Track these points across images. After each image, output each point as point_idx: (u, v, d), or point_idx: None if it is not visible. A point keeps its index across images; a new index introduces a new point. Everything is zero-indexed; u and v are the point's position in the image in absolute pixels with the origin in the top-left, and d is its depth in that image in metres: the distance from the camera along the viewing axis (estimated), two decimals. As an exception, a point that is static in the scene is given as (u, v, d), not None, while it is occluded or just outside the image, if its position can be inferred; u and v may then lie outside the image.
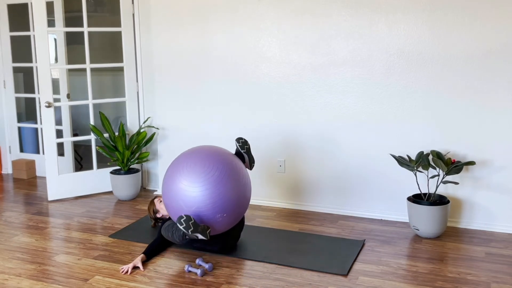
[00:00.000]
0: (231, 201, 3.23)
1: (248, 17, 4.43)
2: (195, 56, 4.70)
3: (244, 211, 3.42)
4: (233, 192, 3.25)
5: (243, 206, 3.38)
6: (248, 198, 3.43)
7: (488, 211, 3.94)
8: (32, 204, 4.74)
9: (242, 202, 3.34)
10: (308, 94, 4.33)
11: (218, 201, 3.18)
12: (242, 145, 3.59)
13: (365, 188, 4.27)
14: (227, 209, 3.22)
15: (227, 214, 3.23)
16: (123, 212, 4.49)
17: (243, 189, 3.34)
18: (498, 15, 3.68)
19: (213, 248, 3.49)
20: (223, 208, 3.20)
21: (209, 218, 3.19)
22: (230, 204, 3.23)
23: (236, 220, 3.38)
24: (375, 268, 3.27)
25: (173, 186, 3.26)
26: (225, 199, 3.20)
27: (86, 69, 4.99)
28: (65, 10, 5.45)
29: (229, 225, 3.36)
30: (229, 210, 3.24)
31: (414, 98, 4.01)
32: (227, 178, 3.24)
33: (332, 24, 4.15)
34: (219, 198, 3.18)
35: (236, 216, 3.34)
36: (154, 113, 5.07)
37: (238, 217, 3.38)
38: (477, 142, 3.89)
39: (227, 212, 3.23)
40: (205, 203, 3.17)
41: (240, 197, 3.30)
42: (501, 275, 3.16)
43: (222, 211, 3.20)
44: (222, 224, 3.27)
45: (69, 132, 5.59)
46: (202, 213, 3.17)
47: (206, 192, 3.17)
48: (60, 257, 3.50)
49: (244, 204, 3.39)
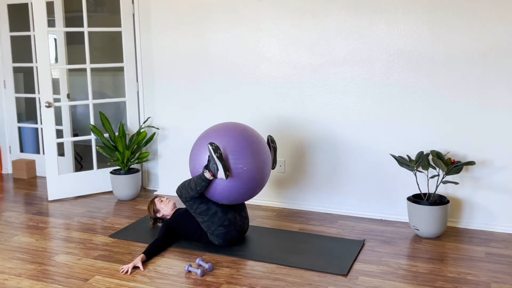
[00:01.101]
0: (254, 163, 3.47)
1: (248, 17, 4.43)
2: (195, 56, 4.70)
3: (257, 185, 3.57)
4: (257, 157, 3.51)
5: (262, 175, 3.56)
6: (265, 177, 3.62)
7: (488, 211, 3.94)
8: (32, 204, 4.74)
9: (261, 172, 3.55)
10: (308, 94, 4.33)
11: (244, 156, 3.44)
12: (272, 140, 3.84)
13: (365, 188, 4.28)
14: (249, 166, 3.45)
15: (247, 168, 3.43)
16: (123, 212, 4.49)
17: (265, 161, 3.59)
18: (498, 15, 3.68)
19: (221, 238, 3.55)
20: (246, 164, 3.44)
21: (232, 165, 3.42)
22: (252, 163, 3.46)
23: (247, 191, 3.52)
24: (375, 268, 3.27)
25: (207, 138, 3.55)
26: (249, 158, 3.45)
27: (86, 69, 4.99)
28: (65, 10, 5.45)
29: (241, 191, 3.48)
30: (250, 168, 3.45)
31: (414, 98, 4.01)
32: (257, 144, 3.55)
33: (332, 24, 4.16)
34: (246, 155, 3.44)
35: (250, 184, 3.49)
36: (154, 113, 5.07)
37: (253, 187, 3.53)
38: (477, 142, 3.89)
39: (247, 167, 3.44)
40: (233, 152, 3.44)
41: (261, 166, 3.54)
42: (501, 275, 3.16)
43: (244, 164, 3.43)
44: (239, 180, 3.43)
45: (69, 132, 5.59)
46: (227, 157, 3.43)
47: (236, 144, 3.46)
48: (60, 257, 3.50)
49: (263, 175, 3.58)
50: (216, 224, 3.51)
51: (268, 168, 3.65)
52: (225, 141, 3.47)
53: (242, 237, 3.71)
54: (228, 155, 3.42)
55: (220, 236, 3.54)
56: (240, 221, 3.62)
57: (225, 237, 3.54)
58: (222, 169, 3.30)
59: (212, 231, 3.54)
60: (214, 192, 3.50)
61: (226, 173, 3.32)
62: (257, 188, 3.60)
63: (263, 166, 3.56)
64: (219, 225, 3.51)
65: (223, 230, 3.52)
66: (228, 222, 3.53)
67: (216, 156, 3.30)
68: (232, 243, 3.61)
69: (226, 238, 3.55)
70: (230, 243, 3.59)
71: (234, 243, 3.63)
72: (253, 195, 3.66)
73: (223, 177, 3.33)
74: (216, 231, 3.53)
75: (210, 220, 3.52)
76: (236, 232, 3.58)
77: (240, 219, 3.62)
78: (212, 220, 3.52)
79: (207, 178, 3.38)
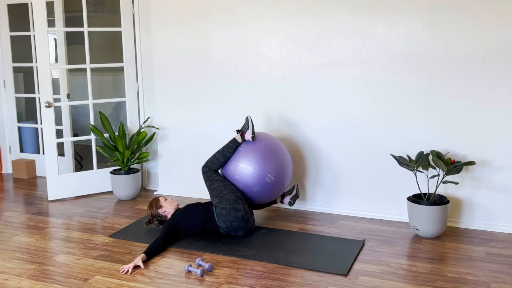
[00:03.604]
0: (281, 174, 3.93)
1: (248, 17, 4.43)
2: (195, 56, 4.70)
3: (278, 191, 4.00)
4: (285, 179, 4.00)
5: (277, 192, 4.00)
6: (284, 185, 4.03)
7: (488, 211, 3.94)
8: (32, 204, 4.74)
9: (279, 190, 4.00)
10: (308, 94, 4.33)
11: (275, 166, 3.89)
12: (297, 193, 4.23)
13: (365, 188, 4.28)
14: (276, 176, 3.89)
15: (274, 178, 3.88)
16: (123, 212, 4.49)
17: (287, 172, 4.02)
18: (498, 15, 3.68)
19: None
20: (273, 173, 3.88)
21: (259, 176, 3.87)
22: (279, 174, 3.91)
23: (261, 196, 3.92)
24: (375, 268, 3.27)
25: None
26: (279, 169, 3.91)
27: (86, 69, 4.99)
28: (65, 10, 5.45)
29: (254, 193, 3.88)
30: (276, 177, 3.90)
31: (414, 98, 4.01)
32: (287, 160, 4.04)
33: (332, 24, 4.16)
34: (276, 163, 3.90)
35: (272, 189, 3.91)
36: (154, 113, 5.07)
37: (273, 192, 3.94)
38: (477, 142, 3.89)
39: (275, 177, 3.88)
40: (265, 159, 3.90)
41: (281, 186, 3.99)
42: (501, 275, 3.16)
43: (271, 173, 3.87)
44: (264, 187, 3.86)
45: (69, 132, 5.59)
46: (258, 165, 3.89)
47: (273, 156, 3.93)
48: (60, 257, 3.50)
49: (278, 192, 4.01)
50: (225, 201, 3.70)
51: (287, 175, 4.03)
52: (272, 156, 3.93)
53: (246, 231, 3.76)
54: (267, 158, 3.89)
55: (229, 202, 3.69)
56: (249, 215, 3.77)
57: (233, 205, 3.68)
58: (251, 130, 3.89)
59: (224, 194, 3.74)
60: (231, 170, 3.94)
61: (253, 135, 3.89)
62: (266, 198, 4.00)
63: (282, 186, 3.99)
64: (229, 202, 3.69)
65: (233, 196, 3.73)
66: (237, 205, 3.70)
67: (251, 121, 3.93)
68: (236, 230, 3.71)
69: (234, 213, 3.66)
70: (235, 225, 3.68)
71: (237, 235, 3.74)
72: (259, 202, 4.03)
73: (249, 138, 3.89)
74: (227, 195, 3.72)
75: (224, 186, 3.81)
76: (240, 219, 3.67)
77: (249, 211, 3.79)
78: (225, 186, 3.81)
79: (236, 140, 3.93)
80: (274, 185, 3.90)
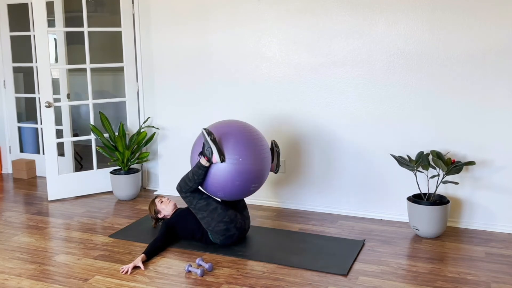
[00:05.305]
0: (251, 155, 3.45)
1: (248, 17, 4.43)
2: (195, 56, 4.70)
3: (256, 179, 3.53)
4: (255, 150, 3.50)
5: (258, 170, 3.52)
6: (263, 172, 3.58)
7: (488, 211, 3.94)
8: (32, 204, 4.74)
9: (258, 166, 3.51)
10: (308, 94, 4.33)
11: (242, 147, 3.44)
12: (276, 145, 3.77)
13: (365, 188, 4.28)
14: (245, 157, 3.43)
15: (243, 159, 3.41)
16: (123, 212, 4.49)
17: (262, 157, 3.54)
18: (498, 15, 3.68)
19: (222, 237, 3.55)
20: (242, 154, 3.42)
21: (228, 157, 3.41)
22: (248, 156, 3.44)
23: (245, 183, 3.48)
24: (375, 268, 3.27)
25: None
26: (246, 150, 3.45)
27: (86, 69, 4.99)
28: (65, 10, 5.45)
29: (236, 187, 3.47)
30: (246, 160, 3.43)
31: (414, 98, 4.01)
32: (256, 140, 3.53)
33: (332, 24, 4.16)
34: (242, 146, 3.44)
35: (247, 177, 3.46)
36: (154, 113, 5.07)
37: (248, 181, 3.48)
38: (477, 142, 3.89)
39: (243, 158, 3.42)
40: (230, 143, 3.44)
41: (258, 161, 3.50)
42: (501, 275, 3.16)
43: (240, 155, 3.41)
44: (235, 173, 3.41)
45: (69, 132, 5.59)
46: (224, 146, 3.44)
47: (234, 137, 3.46)
48: (60, 257, 3.50)
49: (259, 170, 3.53)
50: (215, 220, 3.50)
51: (266, 166, 3.60)
52: (223, 133, 3.51)
53: (242, 236, 3.70)
54: (224, 145, 3.44)
55: (220, 233, 3.53)
56: (241, 219, 3.62)
57: (225, 233, 3.53)
58: (217, 152, 3.31)
59: (212, 227, 3.52)
60: (209, 183, 3.50)
61: (221, 156, 3.33)
62: (252, 182, 3.52)
63: (260, 161, 3.52)
64: (219, 221, 3.50)
65: (223, 226, 3.51)
66: (228, 218, 3.52)
67: (210, 139, 3.32)
68: (232, 241, 3.60)
69: (226, 235, 3.54)
70: (230, 241, 3.59)
71: (234, 242, 3.62)
72: (250, 191, 3.59)
73: (218, 161, 3.35)
74: (216, 227, 3.51)
75: (210, 216, 3.51)
76: (236, 230, 3.57)
77: (241, 218, 3.62)
78: (212, 216, 3.51)
79: (203, 165, 3.40)
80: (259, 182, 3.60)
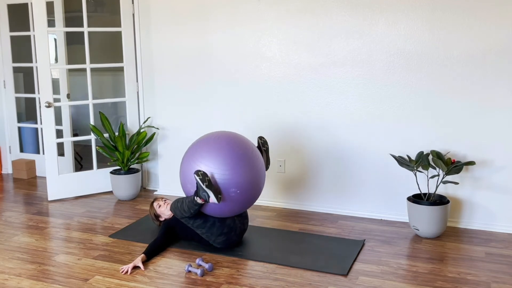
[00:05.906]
0: (247, 182, 3.36)
1: (248, 17, 4.43)
2: (195, 56, 4.70)
3: (254, 198, 3.50)
4: (250, 173, 3.39)
5: (256, 191, 3.48)
6: (260, 188, 3.53)
7: (488, 211, 3.94)
8: (32, 204, 4.74)
9: (255, 187, 3.45)
10: (308, 94, 4.33)
11: (236, 177, 3.32)
12: (263, 143, 3.74)
13: (365, 188, 4.28)
14: (242, 187, 3.34)
15: (240, 192, 3.34)
16: (123, 212, 4.49)
17: (258, 175, 3.46)
18: (498, 15, 3.68)
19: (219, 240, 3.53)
20: (239, 186, 3.33)
21: (224, 190, 3.32)
22: (245, 184, 3.35)
23: (243, 207, 3.48)
24: (375, 268, 3.27)
25: (195, 155, 3.43)
26: (242, 178, 3.33)
27: (86, 69, 4.99)
28: (65, 10, 5.45)
29: (236, 209, 3.44)
30: (243, 189, 3.35)
31: (414, 98, 4.01)
32: (248, 159, 3.40)
33: (332, 24, 4.16)
34: (237, 175, 3.32)
35: (246, 200, 3.43)
36: (154, 113, 5.07)
37: (247, 203, 3.47)
38: (477, 142, 3.89)
39: (241, 190, 3.35)
40: (223, 175, 3.31)
41: (255, 181, 3.43)
42: (501, 275, 3.16)
43: (237, 187, 3.32)
44: (233, 202, 3.36)
45: (69, 132, 5.59)
46: (218, 182, 3.32)
47: (226, 167, 3.32)
48: (60, 257, 3.50)
49: (257, 190, 3.49)
50: (215, 234, 3.50)
51: (263, 177, 3.53)
52: (214, 161, 3.33)
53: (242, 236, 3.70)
54: (217, 180, 3.29)
55: (221, 243, 3.54)
56: (240, 223, 3.60)
57: (225, 242, 3.54)
58: (213, 195, 3.19)
59: (213, 240, 3.53)
60: (207, 210, 3.45)
61: (218, 196, 3.23)
62: (252, 202, 3.52)
63: (257, 180, 3.44)
64: (219, 234, 3.50)
65: (223, 238, 3.51)
66: (227, 229, 3.51)
67: (205, 185, 3.17)
68: (233, 245, 3.61)
69: (227, 242, 3.55)
70: (231, 246, 3.59)
71: (235, 245, 3.63)
72: (249, 207, 3.65)
73: (215, 202, 3.23)
74: (217, 240, 3.52)
75: (209, 232, 3.50)
76: (236, 236, 3.58)
77: (239, 220, 3.60)
78: (211, 231, 3.50)
79: (199, 203, 3.32)
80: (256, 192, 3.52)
